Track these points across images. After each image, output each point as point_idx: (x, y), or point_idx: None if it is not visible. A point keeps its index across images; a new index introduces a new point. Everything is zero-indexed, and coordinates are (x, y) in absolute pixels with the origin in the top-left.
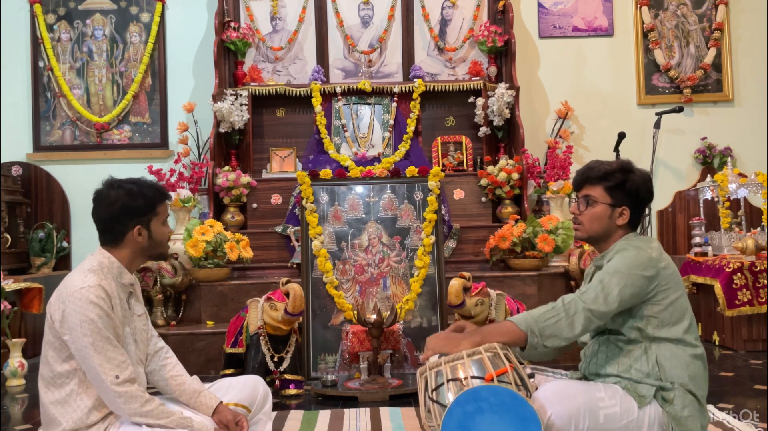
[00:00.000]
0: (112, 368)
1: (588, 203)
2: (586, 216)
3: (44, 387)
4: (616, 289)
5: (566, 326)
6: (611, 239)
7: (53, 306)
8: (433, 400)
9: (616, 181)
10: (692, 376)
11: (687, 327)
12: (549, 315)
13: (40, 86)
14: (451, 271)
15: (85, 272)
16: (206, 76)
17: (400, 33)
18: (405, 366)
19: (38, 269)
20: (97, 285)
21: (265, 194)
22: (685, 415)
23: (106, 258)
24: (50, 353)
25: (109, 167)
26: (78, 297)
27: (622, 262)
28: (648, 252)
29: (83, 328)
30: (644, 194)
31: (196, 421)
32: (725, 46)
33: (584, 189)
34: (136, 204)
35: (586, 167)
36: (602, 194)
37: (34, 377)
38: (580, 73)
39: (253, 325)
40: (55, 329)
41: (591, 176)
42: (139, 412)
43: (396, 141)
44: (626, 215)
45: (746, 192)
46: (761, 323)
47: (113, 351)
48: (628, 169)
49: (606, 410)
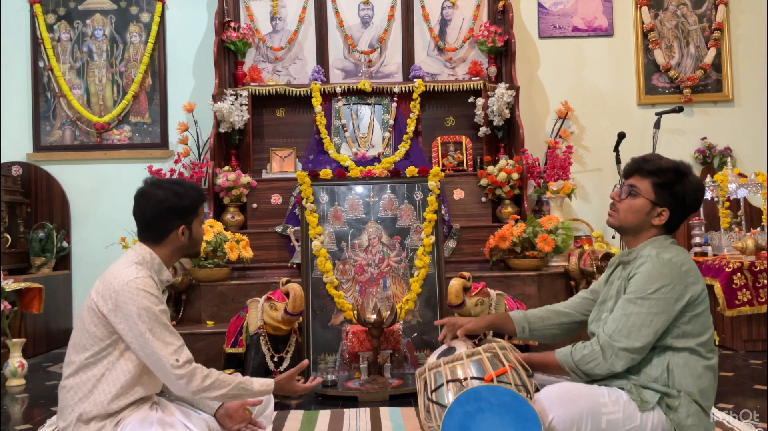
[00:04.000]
0: (171, 353)
1: (630, 193)
2: (624, 205)
3: (73, 373)
4: (647, 320)
5: (606, 368)
6: (642, 236)
7: (102, 298)
8: (432, 401)
9: (667, 179)
10: (701, 387)
11: (706, 339)
12: (588, 359)
13: (40, 86)
14: (451, 271)
15: (132, 264)
16: (206, 76)
17: (400, 33)
18: (405, 366)
19: (38, 269)
20: (148, 276)
21: (265, 194)
22: (689, 424)
23: (148, 254)
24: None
25: (109, 167)
26: (133, 287)
27: (649, 283)
28: (677, 266)
29: (141, 316)
30: (690, 202)
31: (256, 381)
32: (725, 46)
33: (632, 178)
34: (182, 204)
35: (642, 157)
36: (648, 189)
37: (35, 377)
38: (580, 73)
39: (253, 325)
40: (100, 319)
41: (643, 167)
42: (201, 388)
43: (396, 141)
44: (664, 217)
45: (746, 192)
46: (761, 323)
47: (170, 337)
48: (684, 172)
49: (609, 416)
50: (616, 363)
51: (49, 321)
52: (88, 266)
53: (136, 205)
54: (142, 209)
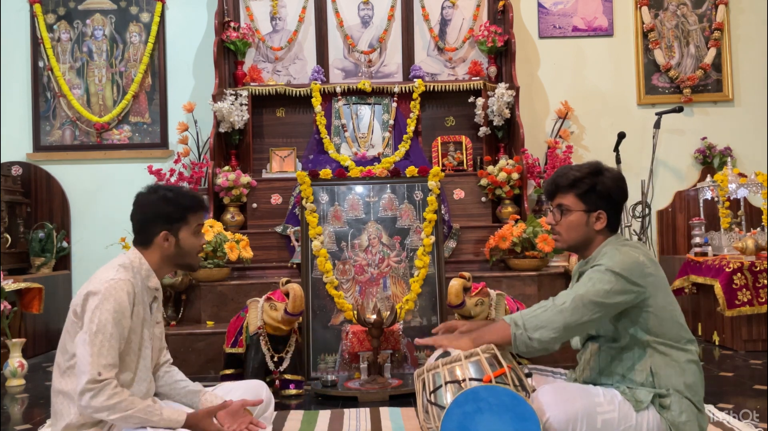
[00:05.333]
0: (98, 365)
1: (562, 212)
2: (563, 226)
3: (58, 375)
4: (606, 286)
5: (553, 314)
6: (593, 245)
7: (81, 292)
8: (431, 402)
9: (586, 186)
10: (687, 382)
11: (679, 332)
12: (536, 308)
13: (40, 86)
14: (451, 271)
15: (117, 266)
16: (206, 76)
17: (400, 33)
18: (405, 366)
19: (38, 269)
20: (127, 280)
21: (265, 194)
22: (683, 420)
23: (138, 258)
24: (69, 341)
25: (109, 167)
26: (106, 287)
27: (610, 263)
28: (635, 256)
29: (94, 316)
30: (617, 195)
31: (166, 409)
32: (725, 46)
33: (557, 198)
34: (166, 210)
35: (554, 175)
36: (575, 201)
37: (35, 377)
38: (580, 73)
39: (253, 325)
40: (75, 322)
41: (561, 184)
42: (104, 406)
43: (396, 141)
44: (603, 219)
45: (746, 192)
46: (761, 323)
47: (109, 351)
48: (597, 171)
49: (604, 415)
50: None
51: (49, 321)
52: (88, 266)
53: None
54: (133, 212)
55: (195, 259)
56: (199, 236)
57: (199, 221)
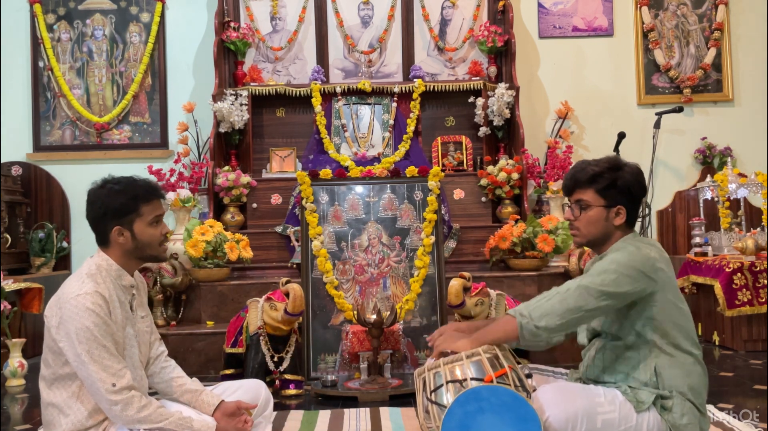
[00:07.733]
0: (108, 376)
1: (582, 208)
2: (582, 221)
3: (45, 387)
4: (613, 275)
5: (558, 301)
6: (611, 240)
7: (51, 311)
8: (432, 401)
9: (606, 182)
10: (691, 384)
11: (686, 333)
12: (540, 298)
13: (40, 86)
14: (451, 271)
15: (83, 278)
16: (206, 76)
17: (400, 33)
18: (405, 366)
19: (38, 269)
20: (94, 291)
21: (265, 194)
22: (684, 423)
23: (104, 261)
24: (50, 356)
25: (109, 167)
26: (74, 304)
27: (620, 256)
28: (646, 251)
29: (79, 336)
30: (637, 190)
31: (196, 420)
32: (725, 46)
33: (575, 194)
34: (114, 204)
35: (573, 170)
36: (594, 197)
37: (34, 377)
38: (580, 73)
39: (253, 325)
40: (52, 335)
41: (580, 180)
42: (136, 418)
43: (396, 141)
44: (623, 214)
45: (746, 192)
46: (761, 323)
47: (110, 359)
48: (617, 166)
49: (604, 415)
50: (569, 297)
51: None
52: None
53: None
54: (86, 211)
55: (157, 250)
56: (158, 226)
57: (153, 210)
